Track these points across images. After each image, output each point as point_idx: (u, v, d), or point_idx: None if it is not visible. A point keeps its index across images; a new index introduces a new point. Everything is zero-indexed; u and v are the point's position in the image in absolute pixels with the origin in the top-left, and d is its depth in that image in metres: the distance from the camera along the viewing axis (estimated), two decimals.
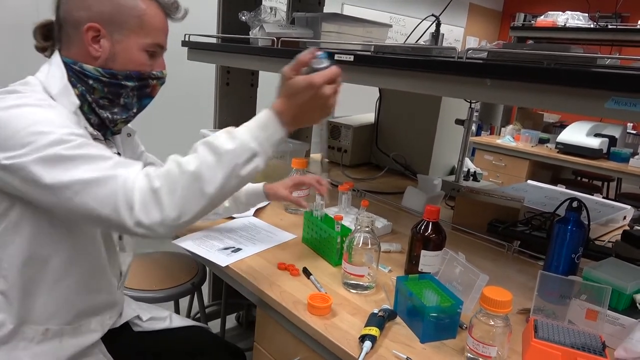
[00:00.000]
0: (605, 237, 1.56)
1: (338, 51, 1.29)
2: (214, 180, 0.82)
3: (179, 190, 0.81)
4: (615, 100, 0.78)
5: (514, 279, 1.23)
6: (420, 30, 1.65)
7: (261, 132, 0.86)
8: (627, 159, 3.43)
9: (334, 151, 2.28)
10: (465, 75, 1.00)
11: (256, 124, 0.87)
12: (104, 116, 0.97)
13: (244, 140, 0.85)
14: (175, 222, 0.82)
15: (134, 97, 0.99)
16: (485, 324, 0.83)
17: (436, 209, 1.12)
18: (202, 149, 0.84)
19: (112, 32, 0.92)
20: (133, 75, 0.96)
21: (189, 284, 1.64)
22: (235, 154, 0.83)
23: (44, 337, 0.95)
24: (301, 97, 0.87)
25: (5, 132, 0.80)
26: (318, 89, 0.86)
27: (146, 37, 0.95)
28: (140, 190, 0.80)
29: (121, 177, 0.80)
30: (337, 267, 1.20)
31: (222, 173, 0.83)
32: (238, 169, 0.84)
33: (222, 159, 0.83)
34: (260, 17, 1.62)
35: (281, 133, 0.89)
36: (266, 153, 0.87)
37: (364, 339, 0.88)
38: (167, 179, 0.81)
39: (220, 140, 0.84)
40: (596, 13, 3.65)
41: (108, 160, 0.82)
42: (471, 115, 1.85)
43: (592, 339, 0.86)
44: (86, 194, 0.79)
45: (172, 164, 0.83)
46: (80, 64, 0.93)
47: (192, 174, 0.81)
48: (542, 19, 3.72)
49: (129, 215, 0.79)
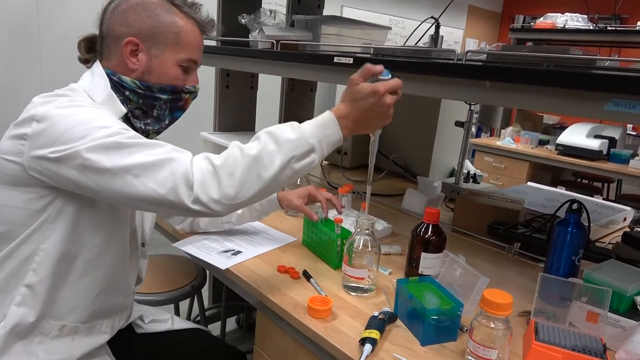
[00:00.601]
0: (606, 239, 1.55)
1: (337, 54, 1.29)
2: (271, 166, 0.86)
3: (238, 172, 0.86)
4: (614, 102, 0.78)
5: (514, 281, 1.23)
6: (420, 32, 1.65)
7: (321, 131, 0.91)
8: (627, 161, 3.42)
9: (334, 153, 2.28)
10: (465, 77, 1.00)
11: (317, 122, 0.92)
12: (137, 126, 1.01)
13: (304, 134, 0.89)
14: (232, 201, 0.86)
15: (166, 110, 1.03)
16: (486, 327, 0.83)
17: (436, 212, 1.11)
18: (264, 136, 0.89)
19: (150, 46, 0.96)
20: (167, 88, 1.00)
21: (189, 287, 1.64)
22: (294, 145, 0.88)
23: (59, 333, 0.96)
24: (364, 103, 0.92)
25: (60, 128, 0.83)
26: (381, 96, 0.91)
27: (181, 52, 0.99)
28: (199, 169, 0.85)
29: (179, 159, 0.85)
30: (337, 269, 1.19)
31: (280, 161, 0.87)
32: (294, 160, 0.88)
33: (281, 147, 0.87)
34: (260, 19, 1.62)
35: (339, 135, 0.93)
36: (322, 152, 0.92)
37: (365, 341, 0.88)
38: (227, 159, 0.86)
39: (282, 130, 0.89)
40: (595, 14, 3.65)
41: (164, 146, 0.87)
42: (471, 117, 1.85)
43: (593, 342, 0.86)
44: (146, 175, 0.83)
45: (234, 148, 0.88)
46: (119, 75, 0.97)
47: (252, 158, 0.86)
48: (541, 21, 3.72)
49: (187, 193, 0.83)
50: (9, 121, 0.90)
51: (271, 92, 2.41)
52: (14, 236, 0.90)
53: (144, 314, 1.23)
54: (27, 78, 2.99)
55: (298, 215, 1.55)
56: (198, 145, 2.02)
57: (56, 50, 3.03)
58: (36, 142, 0.84)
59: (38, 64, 3.02)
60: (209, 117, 2.16)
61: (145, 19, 0.95)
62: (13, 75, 2.92)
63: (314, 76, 1.39)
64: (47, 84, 3.07)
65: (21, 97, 1.17)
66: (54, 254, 0.91)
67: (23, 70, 2.97)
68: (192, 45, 1.00)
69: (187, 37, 0.99)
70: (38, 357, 0.93)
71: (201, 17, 1.02)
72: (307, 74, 1.40)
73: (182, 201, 0.84)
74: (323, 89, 4.85)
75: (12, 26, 2.88)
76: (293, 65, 1.42)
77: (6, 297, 0.92)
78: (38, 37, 2.99)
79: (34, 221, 0.89)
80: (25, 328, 0.92)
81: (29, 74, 3.00)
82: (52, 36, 3.01)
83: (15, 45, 2.91)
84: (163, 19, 0.96)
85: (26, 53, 2.97)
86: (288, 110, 2.29)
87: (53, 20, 2.99)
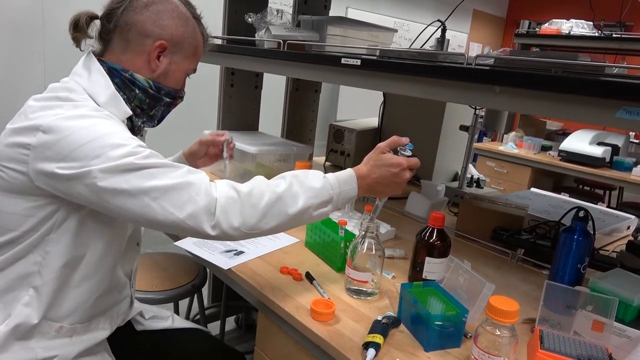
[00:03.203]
0: (609, 247, 1.55)
1: (343, 55, 1.28)
2: (293, 206, 0.91)
3: (262, 204, 0.89)
4: (626, 110, 0.77)
5: (518, 288, 1.22)
6: (425, 35, 1.65)
7: (342, 186, 0.97)
8: (630, 168, 3.42)
9: (337, 155, 2.27)
10: (474, 81, 0.99)
11: (340, 177, 0.98)
12: (137, 124, 1.01)
13: (328, 184, 0.95)
14: (250, 231, 0.89)
15: (160, 110, 1.05)
16: (491, 334, 0.82)
17: (441, 216, 1.11)
18: (291, 178, 0.94)
19: (174, 52, 0.99)
20: (172, 92, 1.03)
21: (189, 286, 1.63)
22: (317, 192, 0.94)
23: (56, 334, 0.96)
24: (385, 172, 0.99)
25: (70, 143, 0.81)
26: (402, 169, 1.00)
27: (193, 63, 1.05)
28: (223, 195, 0.87)
29: (198, 183, 0.86)
30: (340, 272, 1.19)
31: (302, 203, 0.92)
32: (314, 207, 0.94)
33: (306, 192, 0.93)
34: (267, 19, 1.61)
35: (355, 192, 0.99)
36: (337, 204, 0.97)
37: (368, 346, 0.87)
38: (253, 190, 0.90)
39: (310, 176, 0.96)
40: (601, 21, 3.64)
41: (180, 169, 0.87)
42: (476, 122, 1.84)
43: (599, 351, 0.85)
44: (166, 199, 0.83)
45: (260, 182, 0.93)
46: (132, 72, 0.96)
47: (278, 195, 0.90)
48: (546, 27, 3.71)
49: (208, 219, 0.85)
50: (11, 117, 0.89)
51: (275, 92, 2.41)
52: (21, 240, 0.89)
53: (144, 310, 1.22)
54: (30, 74, 2.98)
55: None
56: None
57: (60, 46, 3.02)
58: (43, 155, 0.82)
59: (42, 59, 3.01)
60: (212, 116, 2.16)
61: (179, 27, 0.98)
62: (16, 70, 2.92)
63: (320, 77, 1.38)
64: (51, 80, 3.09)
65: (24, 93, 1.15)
66: (59, 258, 0.91)
67: (26, 66, 2.96)
68: (199, 58, 1.06)
69: (200, 50, 1.05)
70: (36, 353, 0.93)
71: (206, 33, 1.07)
72: (314, 75, 1.39)
73: (201, 226, 0.85)
74: (327, 91, 4.85)
75: (16, 21, 2.88)
76: (299, 66, 1.42)
77: (15, 297, 0.91)
78: (42, 32, 2.98)
79: (40, 227, 0.88)
80: (26, 328, 0.92)
81: (33, 69, 2.99)
82: (56, 32, 3.00)
83: (19, 41, 2.91)
84: (191, 31, 1.01)
85: (30, 48, 2.96)
86: (292, 110, 2.29)
87: (57, 16, 2.98)
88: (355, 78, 1.25)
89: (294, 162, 1.56)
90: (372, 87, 1.22)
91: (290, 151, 1.80)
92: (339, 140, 2.26)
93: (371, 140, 2.25)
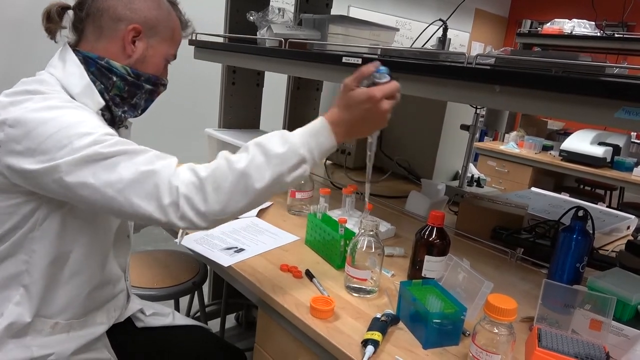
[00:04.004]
0: (609, 247, 1.55)
1: (345, 54, 1.29)
2: (260, 181, 0.85)
3: (225, 186, 0.83)
4: (626, 110, 0.78)
5: (517, 287, 1.23)
6: (427, 35, 1.65)
7: (312, 139, 0.89)
8: (631, 168, 3.42)
9: (337, 153, 2.27)
10: (474, 81, 0.99)
11: (309, 130, 0.90)
12: (117, 114, 0.98)
13: (294, 145, 0.87)
14: (218, 217, 0.85)
15: (143, 99, 1.02)
16: (489, 332, 0.83)
17: (441, 215, 1.11)
18: (253, 148, 0.87)
19: (149, 36, 0.97)
20: (152, 78, 1.00)
21: (190, 283, 1.63)
22: (284, 158, 0.86)
23: (52, 330, 0.96)
24: (359, 109, 0.90)
25: (37, 136, 0.80)
26: (377, 102, 0.89)
27: (171, 47, 1.02)
28: (184, 183, 0.83)
29: (163, 171, 0.83)
30: (339, 270, 1.19)
31: (270, 175, 0.85)
32: (285, 173, 0.87)
33: (271, 161, 0.85)
34: (268, 17, 1.62)
35: (332, 142, 0.91)
36: (314, 160, 0.90)
37: (367, 343, 0.88)
38: (214, 173, 0.84)
39: (272, 142, 0.87)
40: (603, 21, 3.64)
41: (147, 153, 0.85)
42: (477, 121, 1.85)
43: (596, 350, 0.85)
44: (130, 191, 0.81)
45: (221, 160, 0.86)
46: (108, 59, 0.94)
47: (240, 172, 0.84)
48: (548, 26, 3.71)
49: (173, 209, 0.82)
50: None
51: (277, 90, 2.41)
52: (6, 239, 0.88)
53: (144, 307, 1.23)
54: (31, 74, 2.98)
55: (301, 214, 1.55)
56: (202, 142, 2.02)
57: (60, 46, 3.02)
58: (13, 150, 0.80)
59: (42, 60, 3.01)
60: (214, 114, 2.16)
61: (152, 10, 0.96)
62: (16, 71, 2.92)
63: (322, 75, 1.39)
64: None
65: None
66: (45, 255, 0.90)
67: (26, 66, 2.97)
68: (178, 42, 1.04)
69: (178, 34, 1.03)
70: (32, 352, 0.93)
71: (185, 17, 1.06)
72: (315, 73, 1.40)
73: (169, 218, 0.82)
74: (328, 89, 4.85)
75: (17, 21, 2.88)
76: (301, 64, 1.42)
77: (6, 297, 0.91)
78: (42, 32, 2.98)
79: (23, 225, 0.88)
80: (20, 327, 0.92)
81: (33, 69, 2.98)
82: None
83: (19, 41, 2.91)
84: (166, 14, 0.99)
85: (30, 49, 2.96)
86: (293, 108, 2.29)
87: None
88: None
89: None
90: None
91: None
92: None
93: None
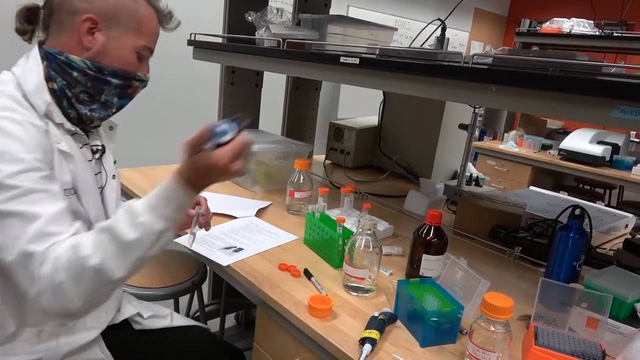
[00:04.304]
0: (607, 245, 1.55)
1: (343, 53, 1.29)
2: (119, 271, 0.81)
3: (83, 283, 0.80)
4: (621, 109, 0.78)
5: (515, 285, 1.23)
6: (426, 34, 1.65)
7: (167, 208, 0.84)
8: (630, 167, 3.42)
9: (336, 153, 2.28)
10: (471, 80, 1.00)
11: (162, 200, 0.84)
12: (82, 112, 0.95)
13: (147, 225, 0.82)
14: (81, 310, 0.82)
15: (114, 96, 0.98)
16: (486, 330, 0.83)
17: (438, 214, 1.12)
18: (103, 236, 0.82)
19: (109, 27, 0.93)
20: (119, 73, 0.96)
21: (189, 283, 1.64)
22: (139, 243, 0.82)
23: (38, 339, 0.96)
24: (208, 174, 0.85)
25: None
26: (224, 167, 0.83)
27: (140, 38, 0.96)
28: (47, 278, 0.79)
29: (34, 257, 0.78)
30: (338, 269, 1.20)
31: (128, 262, 0.82)
32: (146, 254, 0.83)
33: (126, 249, 0.81)
34: (267, 17, 1.62)
35: (190, 198, 0.86)
36: (176, 222, 0.86)
37: (364, 341, 0.88)
38: (70, 270, 0.79)
39: (122, 227, 0.82)
40: (602, 20, 3.64)
41: (40, 220, 0.79)
42: (475, 120, 1.85)
43: (592, 347, 0.86)
44: (8, 261, 0.79)
45: (72, 254, 0.80)
46: (67, 54, 0.91)
47: (95, 268, 0.80)
48: (547, 25, 3.71)
49: (43, 298, 0.79)
50: None
51: (276, 90, 2.42)
52: None
53: (142, 310, 1.21)
54: None
55: (300, 213, 1.55)
56: None
57: None
58: None
59: None
60: (213, 114, 2.17)
61: None
62: None
63: (320, 75, 1.39)
64: None
65: None
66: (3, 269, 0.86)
67: None
68: (151, 34, 0.98)
69: (148, 24, 0.97)
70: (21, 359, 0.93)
71: (161, 7, 1.00)
72: (313, 73, 1.40)
73: (40, 304, 0.79)
74: (328, 89, 4.85)
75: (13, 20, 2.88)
76: (299, 64, 1.43)
77: None
78: None
79: None
80: (6, 335, 0.92)
81: None
82: None
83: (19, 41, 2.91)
84: (127, 3, 0.94)
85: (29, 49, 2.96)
86: (292, 108, 2.30)
87: None
88: (355, 77, 1.25)
89: (293, 160, 1.57)
90: (371, 86, 1.23)
91: (289, 149, 1.81)
92: (339, 138, 2.27)
93: (371, 139, 2.26)
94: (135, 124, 3.38)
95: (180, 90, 3.56)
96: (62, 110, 0.93)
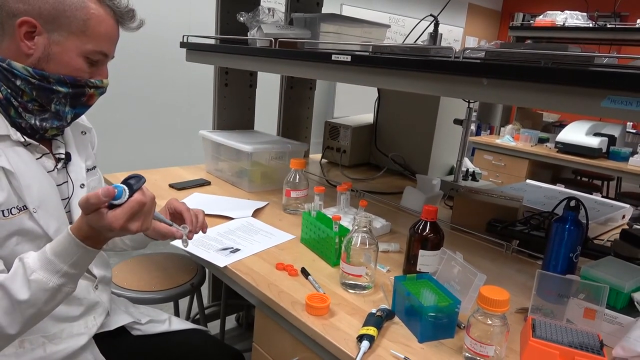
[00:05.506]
0: (604, 236, 1.56)
1: (336, 51, 1.29)
2: (12, 327, 0.78)
3: None
4: (611, 99, 0.78)
5: (513, 279, 1.23)
6: (419, 30, 1.65)
7: (63, 264, 0.79)
8: (627, 158, 3.43)
9: (332, 151, 2.28)
10: (462, 74, 1.00)
11: (56, 257, 0.79)
12: (31, 122, 0.89)
13: (41, 283, 0.78)
14: None
15: (66, 105, 0.91)
16: (483, 323, 0.83)
17: (434, 209, 1.12)
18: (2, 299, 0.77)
19: (50, 30, 0.85)
20: (67, 80, 0.88)
21: (188, 285, 1.64)
22: (33, 301, 0.78)
23: (23, 350, 0.94)
24: (105, 235, 0.80)
25: None
26: (121, 227, 0.77)
27: (88, 42, 0.88)
28: None
29: None
30: (335, 267, 1.20)
31: (22, 319, 0.79)
32: (42, 310, 0.80)
33: (19, 306, 0.78)
34: (259, 18, 1.62)
35: (89, 254, 0.81)
36: (77, 275, 0.82)
37: (362, 338, 0.88)
38: None
39: (15, 285, 0.77)
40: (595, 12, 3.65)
41: None
42: (469, 115, 1.85)
43: (590, 338, 0.86)
44: None
45: None
46: (9, 61, 0.86)
47: None
48: (541, 19, 3.72)
49: None
50: None
51: (271, 91, 2.42)
52: None
53: (139, 316, 1.20)
54: None
55: (297, 213, 1.55)
56: (197, 144, 2.03)
57: None
58: None
59: None
60: (208, 116, 2.17)
61: (48, 0, 0.84)
62: None
63: (313, 74, 1.39)
64: None
65: None
66: None
67: None
68: (102, 36, 0.89)
69: (98, 26, 0.88)
70: None
71: (119, 5, 0.91)
72: (306, 72, 1.40)
73: None
74: (323, 88, 4.85)
75: None
76: (292, 63, 1.42)
77: None
78: None
79: None
80: None
81: None
82: None
83: None
84: (70, 2, 0.85)
85: None
86: (287, 108, 2.29)
87: None
88: (347, 74, 1.25)
89: (289, 160, 1.57)
90: (364, 83, 1.23)
91: (285, 149, 1.81)
92: (335, 137, 2.27)
93: (367, 137, 2.26)
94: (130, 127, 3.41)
95: (176, 92, 3.56)
96: (10, 120, 0.88)
